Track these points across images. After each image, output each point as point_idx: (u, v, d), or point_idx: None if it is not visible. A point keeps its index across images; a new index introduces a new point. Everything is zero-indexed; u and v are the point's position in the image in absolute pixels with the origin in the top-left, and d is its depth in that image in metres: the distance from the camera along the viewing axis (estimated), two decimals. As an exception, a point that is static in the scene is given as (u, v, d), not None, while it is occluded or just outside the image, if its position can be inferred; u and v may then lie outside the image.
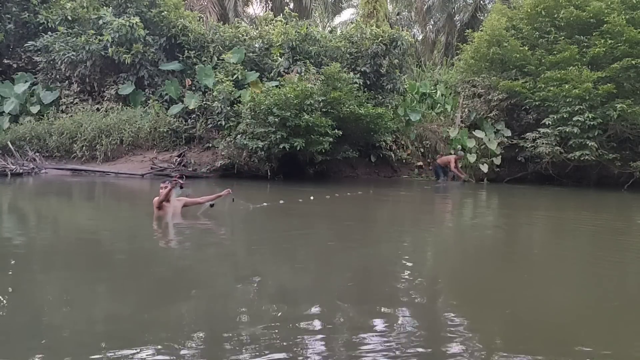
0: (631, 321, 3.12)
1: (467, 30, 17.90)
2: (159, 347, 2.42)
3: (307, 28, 15.55)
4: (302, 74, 13.95)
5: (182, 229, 6.19)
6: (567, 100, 13.48)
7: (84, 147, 13.97)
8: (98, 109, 14.86)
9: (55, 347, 2.43)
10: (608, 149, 13.93)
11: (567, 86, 13.44)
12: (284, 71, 14.57)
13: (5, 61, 16.20)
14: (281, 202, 8.41)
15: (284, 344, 2.49)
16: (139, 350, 2.37)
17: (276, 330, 2.67)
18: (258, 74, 14.81)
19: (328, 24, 30.24)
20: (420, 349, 2.51)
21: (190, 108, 14.40)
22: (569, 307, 3.39)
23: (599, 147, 13.64)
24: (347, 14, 34.30)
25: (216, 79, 14.36)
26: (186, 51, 15.32)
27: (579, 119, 13.26)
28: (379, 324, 2.85)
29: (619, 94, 13.69)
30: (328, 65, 13.37)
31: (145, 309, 3.08)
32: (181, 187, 6.16)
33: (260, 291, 3.53)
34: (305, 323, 2.84)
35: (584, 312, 3.32)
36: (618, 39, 13.51)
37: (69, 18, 15.80)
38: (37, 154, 13.99)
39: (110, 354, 2.33)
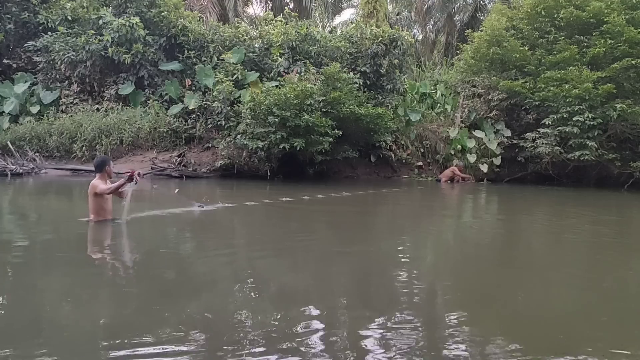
0: (632, 320, 3.12)
1: (467, 30, 17.94)
2: (160, 347, 2.42)
3: (307, 28, 15.55)
4: (302, 74, 13.95)
5: (181, 228, 6.19)
6: (567, 100, 13.50)
7: (84, 147, 13.96)
8: (98, 109, 14.86)
9: (56, 348, 2.43)
10: (608, 149, 13.95)
11: (567, 86, 13.46)
12: (284, 71, 14.57)
13: (5, 61, 16.19)
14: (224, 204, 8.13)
15: (284, 344, 2.49)
16: (139, 351, 2.37)
17: (276, 331, 2.68)
18: (258, 74, 14.81)
19: (328, 24, 30.27)
20: (420, 349, 2.51)
21: (190, 108, 14.40)
22: (570, 306, 3.39)
23: (599, 147, 13.65)
24: (347, 14, 34.40)
25: (216, 79, 14.35)
26: (186, 51, 15.31)
27: (579, 119, 13.27)
28: (379, 324, 2.85)
29: (618, 94, 13.71)
30: (328, 65, 13.37)
31: (145, 308, 3.08)
32: (135, 182, 5.58)
33: (260, 290, 3.53)
34: (305, 323, 2.84)
35: (585, 311, 3.32)
36: (618, 39, 13.52)
37: (69, 18, 15.80)
38: (37, 154, 13.98)
39: (112, 353, 2.33)
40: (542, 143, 13.82)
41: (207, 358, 2.34)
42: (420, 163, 15.63)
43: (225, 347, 2.46)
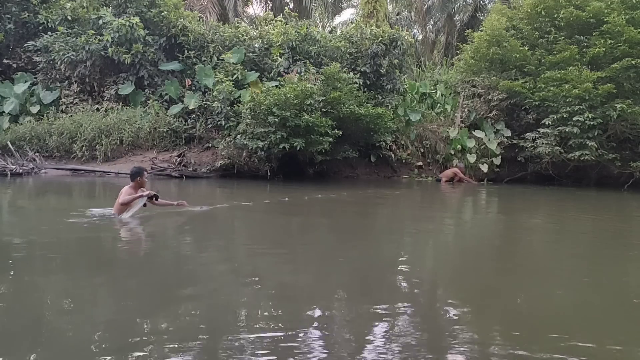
0: (632, 319, 3.12)
1: (467, 30, 17.94)
2: (160, 348, 2.42)
3: (307, 28, 15.55)
4: (302, 74, 13.95)
5: (181, 228, 6.19)
6: (567, 100, 13.50)
7: (83, 147, 13.97)
8: (98, 109, 14.86)
9: (56, 349, 2.43)
10: (608, 149, 13.95)
11: (567, 86, 13.46)
12: (284, 71, 14.58)
13: (5, 61, 16.19)
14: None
15: (284, 344, 2.49)
16: (138, 353, 2.37)
17: (276, 330, 2.68)
18: (258, 74, 14.82)
19: (328, 24, 30.31)
20: (421, 349, 2.51)
21: (190, 108, 14.40)
22: (570, 306, 3.39)
23: (599, 147, 13.65)
24: (347, 14, 34.41)
25: (216, 79, 14.36)
26: (186, 51, 15.31)
27: (579, 119, 13.27)
28: (379, 324, 2.85)
29: (618, 94, 13.71)
30: (328, 65, 13.37)
31: (145, 310, 3.08)
32: (145, 205, 6.02)
33: (260, 290, 3.53)
34: (305, 323, 2.84)
35: (585, 310, 3.32)
36: (618, 39, 13.52)
37: (69, 18, 15.80)
38: (37, 154, 13.98)
39: (111, 355, 2.33)
40: (542, 143, 13.81)
41: (207, 358, 2.34)
42: (420, 163, 15.62)
43: (225, 346, 2.46)
